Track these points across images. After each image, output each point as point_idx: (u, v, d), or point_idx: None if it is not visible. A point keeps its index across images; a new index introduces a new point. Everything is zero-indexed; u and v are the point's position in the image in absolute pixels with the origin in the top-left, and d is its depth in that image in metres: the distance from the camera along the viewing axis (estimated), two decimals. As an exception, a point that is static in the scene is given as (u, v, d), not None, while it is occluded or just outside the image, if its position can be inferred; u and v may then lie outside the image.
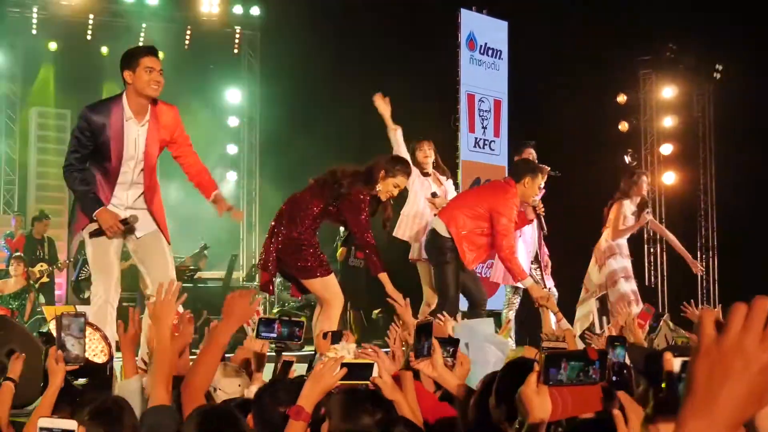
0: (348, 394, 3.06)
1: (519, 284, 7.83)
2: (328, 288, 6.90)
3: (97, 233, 6.17)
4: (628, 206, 9.95)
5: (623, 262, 9.87)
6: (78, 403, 3.23)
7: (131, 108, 6.01)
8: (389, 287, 6.76)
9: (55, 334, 3.55)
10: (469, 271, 8.00)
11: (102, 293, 6.31)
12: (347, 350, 4.28)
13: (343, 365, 3.06)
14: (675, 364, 1.41)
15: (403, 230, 8.66)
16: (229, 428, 2.85)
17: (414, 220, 8.67)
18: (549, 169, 9.13)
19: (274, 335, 4.36)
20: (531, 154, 9.44)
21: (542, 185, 8.34)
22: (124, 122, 6.00)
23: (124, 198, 6.21)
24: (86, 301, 12.26)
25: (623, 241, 10.02)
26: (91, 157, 6.11)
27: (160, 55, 6.28)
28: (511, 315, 9.35)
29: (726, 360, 1.19)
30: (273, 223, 7.03)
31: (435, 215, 8.27)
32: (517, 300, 9.38)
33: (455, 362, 3.78)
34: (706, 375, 1.20)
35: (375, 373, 3.08)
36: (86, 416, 2.90)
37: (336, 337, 4.76)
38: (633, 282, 9.94)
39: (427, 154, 8.87)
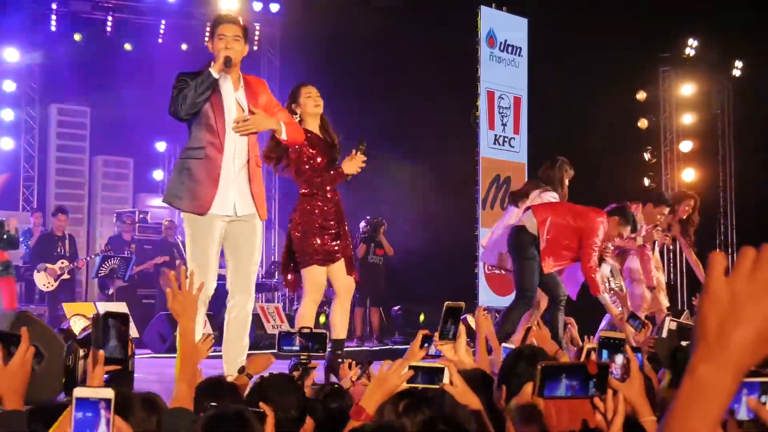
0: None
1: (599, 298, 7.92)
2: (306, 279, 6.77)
3: (198, 226, 5.85)
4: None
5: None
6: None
7: (215, 71, 5.79)
8: None
9: (93, 334, 3.29)
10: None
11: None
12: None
13: (410, 368, 2.94)
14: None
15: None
16: None
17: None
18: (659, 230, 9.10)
19: (297, 348, 4.29)
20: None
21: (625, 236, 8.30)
22: (219, 84, 5.83)
23: (227, 168, 5.88)
24: (111, 298, 12.34)
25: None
26: (197, 121, 5.85)
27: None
28: None
29: (736, 303, 1.19)
30: None
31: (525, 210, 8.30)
32: None
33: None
34: (717, 319, 1.20)
35: (446, 378, 2.93)
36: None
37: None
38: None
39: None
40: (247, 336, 6.03)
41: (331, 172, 6.78)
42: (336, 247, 6.74)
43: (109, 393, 2.28)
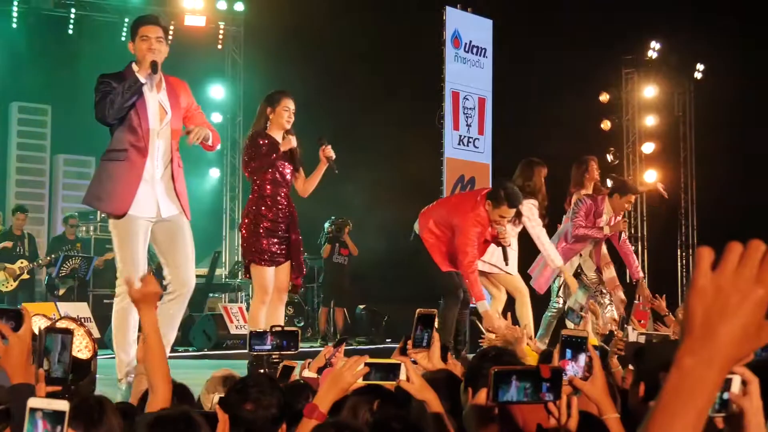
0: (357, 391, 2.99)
1: (476, 305, 7.44)
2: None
3: (123, 226, 5.91)
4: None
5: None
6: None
7: (143, 76, 5.90)
8: None
9: (37, 347, 3.24)
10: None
11: (120, 290, 5.96)
12: None
13: (366, 365, 2.91)
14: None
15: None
16: None
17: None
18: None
19: (268, 347, 4.26)
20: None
21: (509, 219, 7.77)
22: (141, 87, 5.90)
23: (151, 170, 5.96)
24: (61, 298, 12.19)
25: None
26: (120, 123, 5.93)
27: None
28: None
29: (722, 296, 1.20)
30: None
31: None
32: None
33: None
34: (703, 312, 1.21)
35: (402, 374, 2.89)
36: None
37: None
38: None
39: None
40: (175, 331, 6.15)
41: (287, 178, 6.88)
42: (281, 251, 6.81)
43: (63, 405, 2.26)
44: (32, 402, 2.25)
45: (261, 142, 6.79)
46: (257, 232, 6.77)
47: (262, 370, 4.29)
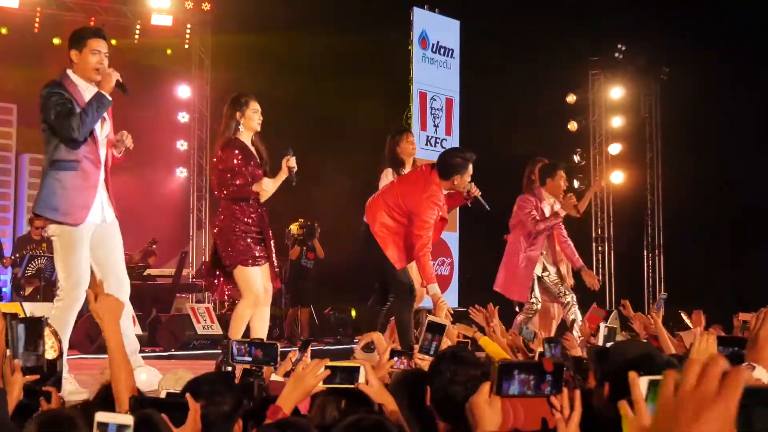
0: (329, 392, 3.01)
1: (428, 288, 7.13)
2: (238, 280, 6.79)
3: (67, 234, 5.97)
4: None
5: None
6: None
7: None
8: None
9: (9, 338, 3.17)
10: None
11: (64, 294, 6.00)
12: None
13: (327, 367, 2.95)
14: (642, 384, 1.45)
15: None
16: None
17: None
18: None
19: (249, 359, 4.27)
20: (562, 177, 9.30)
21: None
22: (83, 95, 5.99)
23: (101, 177, 6.12)
24: (27, 299, 12.10)
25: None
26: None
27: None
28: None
29: (682, 419, 1.26)
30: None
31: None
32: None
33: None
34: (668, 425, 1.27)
35: (361, 377, 2.94)
36: (33, 428, 2.69)
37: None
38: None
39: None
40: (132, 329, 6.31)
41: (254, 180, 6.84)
42: (260, 252, 6.77)
43: (128, 420, 2.31)
44: (99, 416, 2.30)
45: (236, 153, 6.72)
46: (234, 235, 6.71)
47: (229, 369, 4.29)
